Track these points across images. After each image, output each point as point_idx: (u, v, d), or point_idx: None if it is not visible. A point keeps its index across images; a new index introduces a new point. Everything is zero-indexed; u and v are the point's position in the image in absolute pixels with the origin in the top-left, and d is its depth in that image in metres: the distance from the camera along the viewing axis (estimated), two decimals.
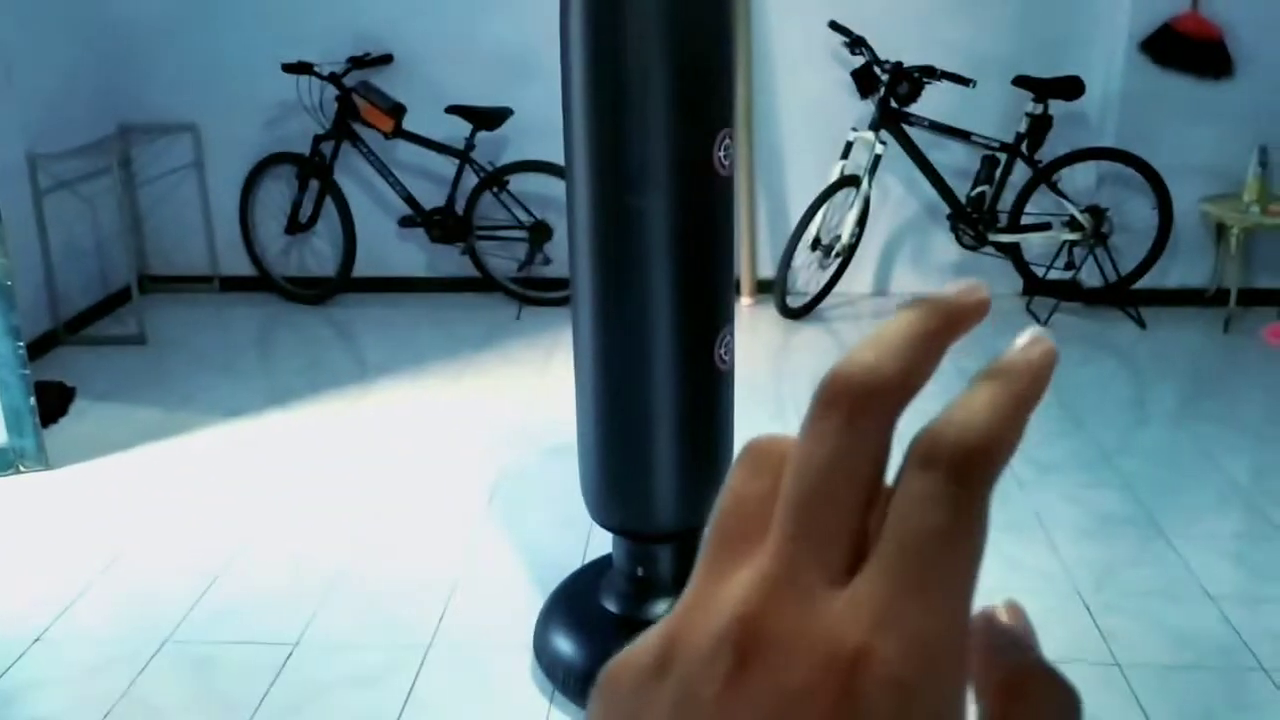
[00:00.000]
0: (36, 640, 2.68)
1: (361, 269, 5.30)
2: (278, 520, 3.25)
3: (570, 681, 2.35)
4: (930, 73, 4.55)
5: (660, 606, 2.40)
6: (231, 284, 5.47)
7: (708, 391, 2.27)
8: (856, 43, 4.65)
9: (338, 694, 2.46)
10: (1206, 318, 4.91)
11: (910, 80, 4.57)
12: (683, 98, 2.08)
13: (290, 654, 2.61)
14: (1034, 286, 5.05)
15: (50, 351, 4.67)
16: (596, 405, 2.29)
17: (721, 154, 2.15)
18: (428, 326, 4.96)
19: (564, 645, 2.41)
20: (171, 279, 5.48)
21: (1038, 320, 4.87)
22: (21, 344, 3.44)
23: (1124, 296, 4.94)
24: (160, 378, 4.43)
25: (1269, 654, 2.55)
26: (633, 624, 2.39)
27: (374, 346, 4.76)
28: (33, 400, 3.50)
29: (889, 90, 4.62)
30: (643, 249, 2.15)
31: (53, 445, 3.70)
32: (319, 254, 5.37)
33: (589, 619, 2.44)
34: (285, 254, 5.39)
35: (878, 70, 4.64)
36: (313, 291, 5.27)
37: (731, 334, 2.30)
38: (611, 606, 2.44)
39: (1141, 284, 4.99)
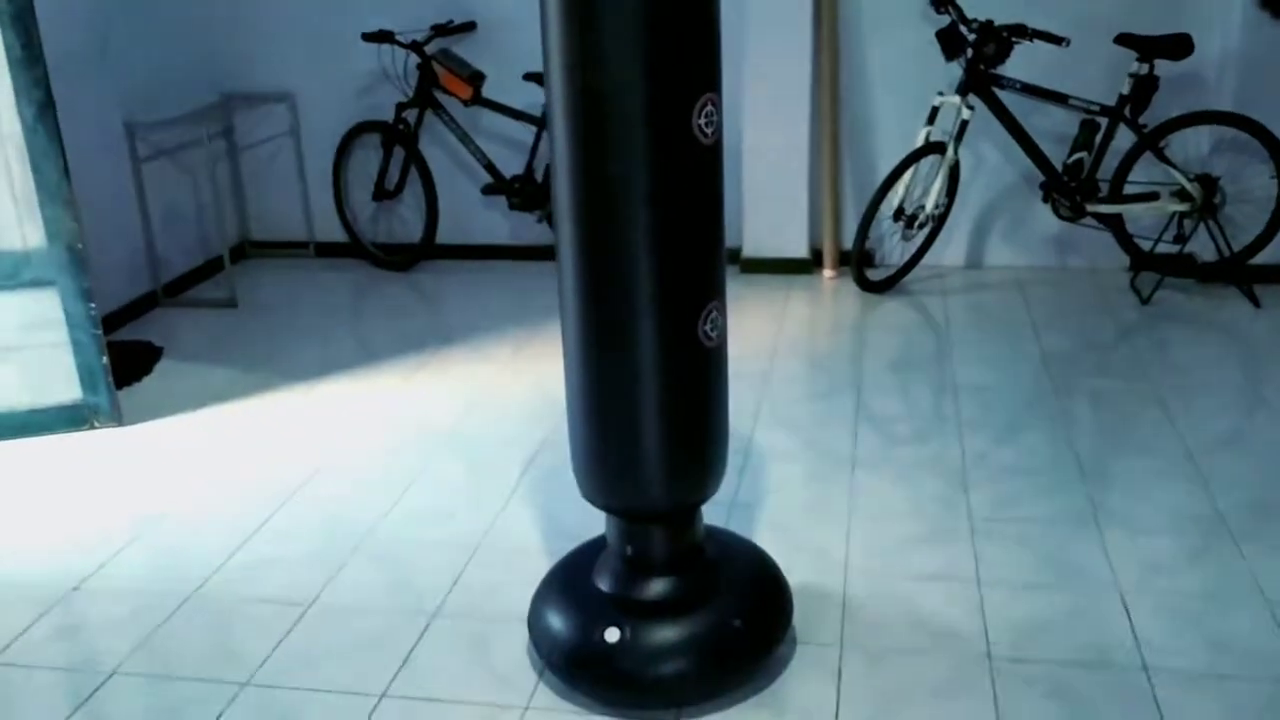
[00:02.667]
0: (75, 589, 2.81)
1: (446, 236, 5.36)
2: (323, 481, 3.32)
3: (556, 658, 2.33)
4: (1020, 31, 4.29)
5: (644, 586, 2.34)
6: (326, 250, 5.61)
7: (694, 369, 2.19)
8: (942, 1, 4.42)
9: (336, 657, 2.50)
10: None
11: (998, 40, 4.31)
12: (658, 62, 1.99)
13: (303, 614, 2.66)
14: (1140, 261, 4.73)
15: (148, 313, 4.89)
16: (582, 382, 2.24)
17: (702, 121, 2.05)
18: (502, 294, 4.99)
19: (554, 621, 2.38)
20: (271, 244, 5.66)
21: (1140, 297, 4.56)
22: (93, 305, 3.59)
23: (1239, 273, 4.57)
24: (245, 340, 4.58)
25: None
26: (618, 602, 2.34)
27: (451, 313, 4.81)
28: (105, 359, 3.65)
29: (976, 51, 4.38)
30: (622, 221, 2.08)
31: (131, 403, 3.87)
32: (405, 221, 5.45)
33: (580, 597, 2.40)
34: (374, 221, 5.50)
35: (964, 30, 4.40)
36: (399, 258, 5.36)
37: (721, 309, 2.21)
38: (603, 585, 2.39)
39: (1259, 259, 4.61)
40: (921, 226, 4.65)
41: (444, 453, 3.48)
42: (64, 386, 3.65)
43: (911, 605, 2.61)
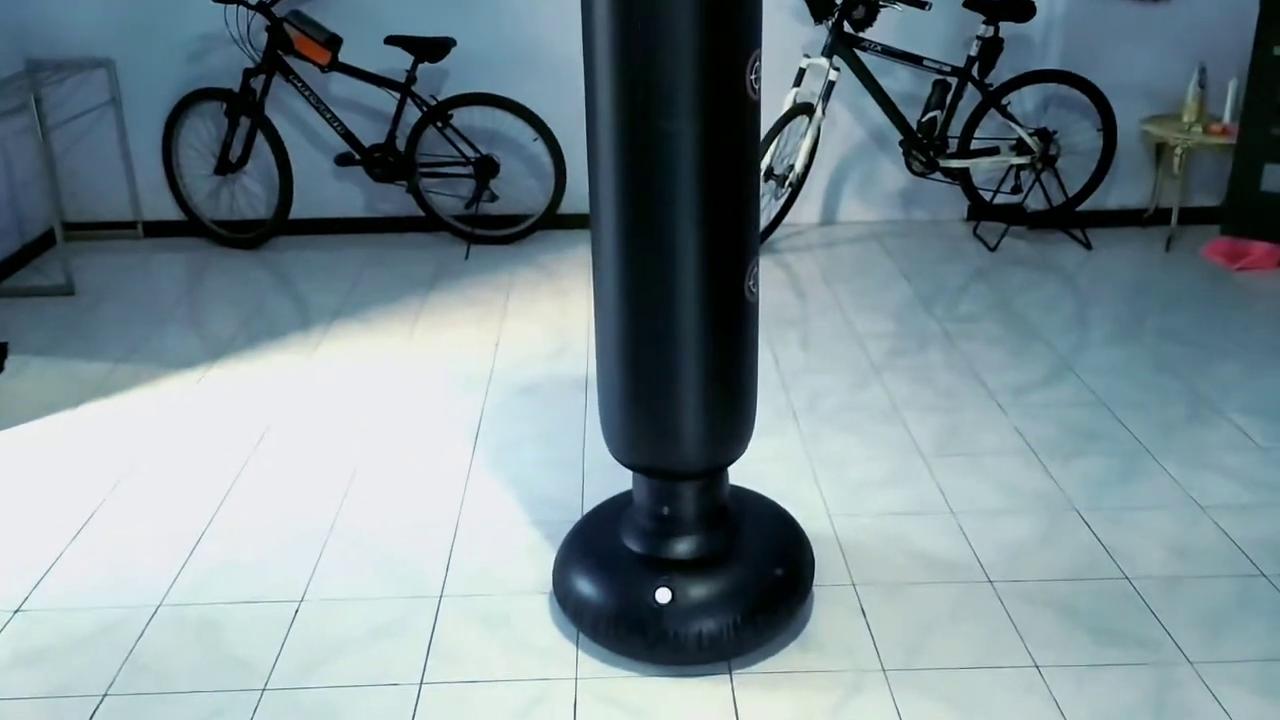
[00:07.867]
0: (17, 611, 2.52)
1: (296, 210, 5.08)
2: (253, 476, 3.11)
3: (598, 624, 2.31)
4: None
5: (683, 545, 2.36)
6: (156, 229, 5.19)
7: (737, 324, 2.21)
8: None
9: (356, 647, 2.37)
10: (1148, 237, 5.02)
11: (866, 4, 4.51)
12: (714, 16, 1.99)
13: (298, 610, 2.50)
14: (981, 211, 5.10)
15: None
16: (621, 341, 2.22)
17: (753, 77, 2.07)
18: (372, 268, 4.79)
19: (587, 587, 2.35)
20: (91, 225, 5.18)
21: (986, 245, 4.92)
22: None
23: (1069, 219, 5.02)
24: (95, 330, 4.18)
25: (1267, 561, 2.64)
26: (658, 563, 2.35)
27: (318, 291, 4.57)
28: None
29: (843, 14, 4.57)
30: (672, 176, 2.07)
31: None
32: (251, 195, 5.12)
33: (611, 559, 2.39)
34: (214, 197, 5.13)
35: None
36: (246, 235, 5.03)
37: (758, 264, 2.24)
38: (634, 546, 2.39)
39: (1083, 206, 5.08)
40: (790, 186, 4.82)
41: (378, 437, 3.33)
42: None
43: (901, 540, 2.75)
